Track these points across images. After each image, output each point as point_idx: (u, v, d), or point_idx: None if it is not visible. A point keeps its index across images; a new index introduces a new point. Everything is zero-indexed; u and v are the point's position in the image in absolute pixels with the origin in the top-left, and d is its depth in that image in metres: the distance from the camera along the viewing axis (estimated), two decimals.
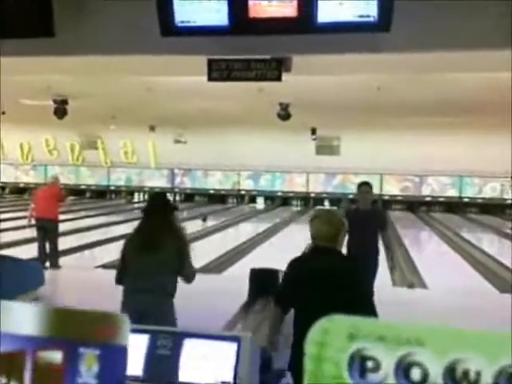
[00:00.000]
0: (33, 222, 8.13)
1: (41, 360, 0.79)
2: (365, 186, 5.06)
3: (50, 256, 7.65)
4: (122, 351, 0.79)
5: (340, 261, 2.84)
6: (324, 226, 2.76)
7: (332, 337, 0.69)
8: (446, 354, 0.67)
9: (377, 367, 0.68)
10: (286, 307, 2.81)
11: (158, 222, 3.46)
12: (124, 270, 3.43)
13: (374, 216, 5.01)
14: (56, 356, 0.79)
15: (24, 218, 13.35)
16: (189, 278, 3.44)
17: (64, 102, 12.33)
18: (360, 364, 0.69)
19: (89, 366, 0.78)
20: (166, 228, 3.43)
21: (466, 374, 0.66)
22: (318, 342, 0.69)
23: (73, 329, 0.78)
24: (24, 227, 11.67)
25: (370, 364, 0.69)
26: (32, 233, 10.79)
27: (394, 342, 0.68)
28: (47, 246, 7.71)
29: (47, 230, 7.64)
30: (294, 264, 2.84)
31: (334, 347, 0.69)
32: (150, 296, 3.26)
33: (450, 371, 0.66)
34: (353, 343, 0.69)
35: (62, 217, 14.55)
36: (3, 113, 15.60)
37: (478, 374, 0.65)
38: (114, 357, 0.79)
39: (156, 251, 3.34)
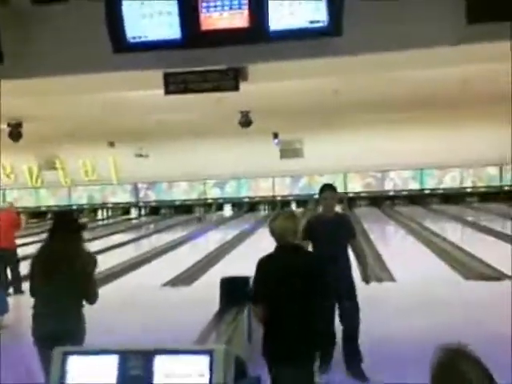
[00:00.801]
0: None
1: None
2: (328, 189, 4.27)
3: (13, 282, 7.45)
4: None
5: (303, 255, 3.05)
6: (285, 223, 2.94)
7: None
8: None
9: None
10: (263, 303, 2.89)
11: (61, 244, 3.38)
12: (32, 291, 3.43)
13: (340, 225, 4.23)
14: None
15: None
16: (91, 301, 3.43)
17: (18, 125, 12.04)
18: None
19: None
20: (69, 251, 3.37)
21: None
22: None
23: None
24: None
25: None
26: None
27: None
28: (8, 273, 7.51)
29: (6, 259, 7.45)
30: (262, 263, 2.96)
31: None
32: (55, 320, 3.25)
33: None
34: None
35: (23, 240, 14.17)
36: None
37: None
38: None
39: (58, 275, 3.29)
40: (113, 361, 1.79)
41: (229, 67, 4.92)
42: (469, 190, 18.76)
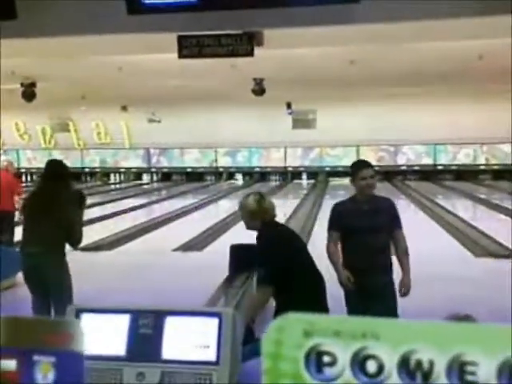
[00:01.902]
0: None
1: None
2: (366, 166, 3.34)
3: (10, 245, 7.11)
4: (78, 357, 0.78)
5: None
6: (270, 202, 3.10)
7: (288, 334, 0.70)
8: (400, 346, 0.68)
9: (333, 362, 0.70)
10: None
11: (52, 185, 3.68)
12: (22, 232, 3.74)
13: (381, 212, 3.28)
14: (10, 364, 0.78)
15: None
16: (74, 243, 3.68)
17: (32, 84, 12.00)
18: (316, 359, 0.70)
19: (44, 373, 0.78)
20: (59, 192, 3.65)
21: (419, 364, 0.67)
22: (274, 340, 0.70)
23: (26, 337, 0.78)
24: None
25: (326, 359, 0.70)
26: None
27: (349, 336, 0.69)
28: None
29: (4, 222, 7.10)
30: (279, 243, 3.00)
31: (290, 344, 0.70)
32: (40, 255, 3.53)
33: (403, 362, 0.68)
34: (308, 339, 0.70)
35: None
36: None
37: (431, 363, 0.67)
38: (69, 363, 0.78)
39: (43, 216, 3.57)
40: (124, 319, 1.84)
41: (244, 31, 4.83)
42: (482, 167, 18.55)
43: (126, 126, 19.74)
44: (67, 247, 3.68)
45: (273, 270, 2.92)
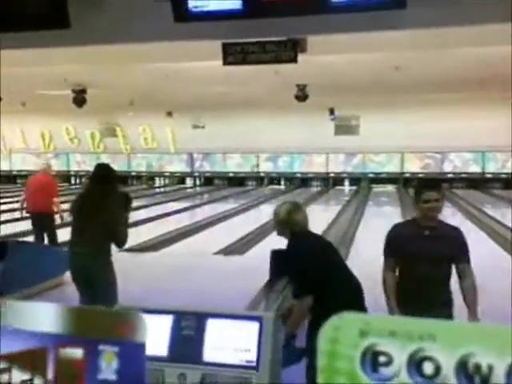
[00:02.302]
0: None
1: (62, 357, 0.83)
2: (430, 189, 2.91)
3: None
4: (140, 348, 0.82)
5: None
6: (303, 213, 3.08)
7: (344, 333, 0.71)
8: (458, 349, 0.67)
9: (389, 362, 0.70)
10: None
11: (99, 188, 3.84)
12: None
13: (446, 241, 2.90)
14: (77, 353, 0.82)
15: None
16: (119, 244, 3.78)
17: (83, 91, 12.47)
18: (372, 359, 0.70)
19: (108, 362, 0.82)
20: (106, 194, 3.79)
21: (478, 368, 0.66)
22: (330, 338, 0.71)
23: (92, 327, 0.82)
24: None
25: (382, 359, 0.70)
26: (56, 220, 11.06)
27: (406, 337, 0.68)
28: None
29: (42, 223, 7.14)
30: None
31: (347, 343, 0.70)
32: (86, 255, 3.69)
33: (462, 365, 0.67)
34: (364, 339, 0.70)
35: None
36: (23, 104, 15.84)
37: (490, 368, 0.66)
38: (132, 353, 0.81)
39: (93, 215, 3.72)
40: (167, 320, 1.87)
41: (288, 38, 4.87)
42: None
43: (172, 132, 20.15)
44: (113, 248, 3.80)
45: (302, 279, 2.89)
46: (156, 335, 1.86)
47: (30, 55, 5.31)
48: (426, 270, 2.82)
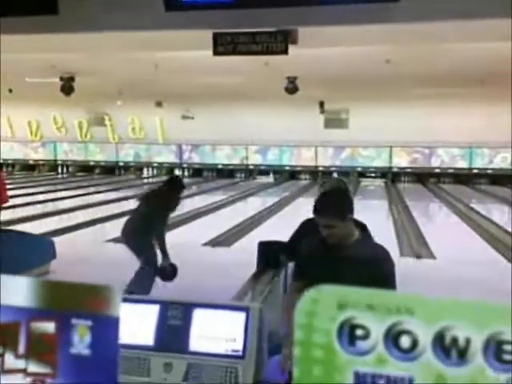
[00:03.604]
0: None
1: (34, 330, 0.81)
2: (320, 216, 2.36)
3: None
4: (114, 322, 0.80)
5: None
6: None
7: (321, 306, 0.69)
8: (436, 323, 0.67)
9: (366, 335, 0.69)
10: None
11: (166, 193, 4.90)
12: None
13: (363, 263, 2.27)
14: (49, 327, 0.81)
15: (33, 194, 13.51)
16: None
17: (71, 79, 12.31)
18: (349, 332, 0.69)
19: (81, 336, 0.81)
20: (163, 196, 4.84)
21: (455, 340, 0.66)
22: (307, 311, 0.70)
23: (65, 301, 0.80)
24: (34, 203, 11.84)
25: (359, 332, 0.69)
26: (43, 208, 10.95)
27: (384, 310, 0.68)
28: None
29: None
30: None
31: (324, 316, 0.69)
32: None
33: (439, 339, 0.66)
34: (342, 312, 0.69)
35: (71, 193, 14.64)
36: (10, 91, 15.62)
37: (468, 341, 0.66)
38: (105, 327, 0.80)
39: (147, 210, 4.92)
40: (154, 310, 1.87)
41: (279, 29, 4.84)
42: None
43: (160, 122, 20.02)
44: (103, 238, 3.81)
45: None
46: (142, 325, 1.86)
47: (18, 41, 5.22)
48: None
